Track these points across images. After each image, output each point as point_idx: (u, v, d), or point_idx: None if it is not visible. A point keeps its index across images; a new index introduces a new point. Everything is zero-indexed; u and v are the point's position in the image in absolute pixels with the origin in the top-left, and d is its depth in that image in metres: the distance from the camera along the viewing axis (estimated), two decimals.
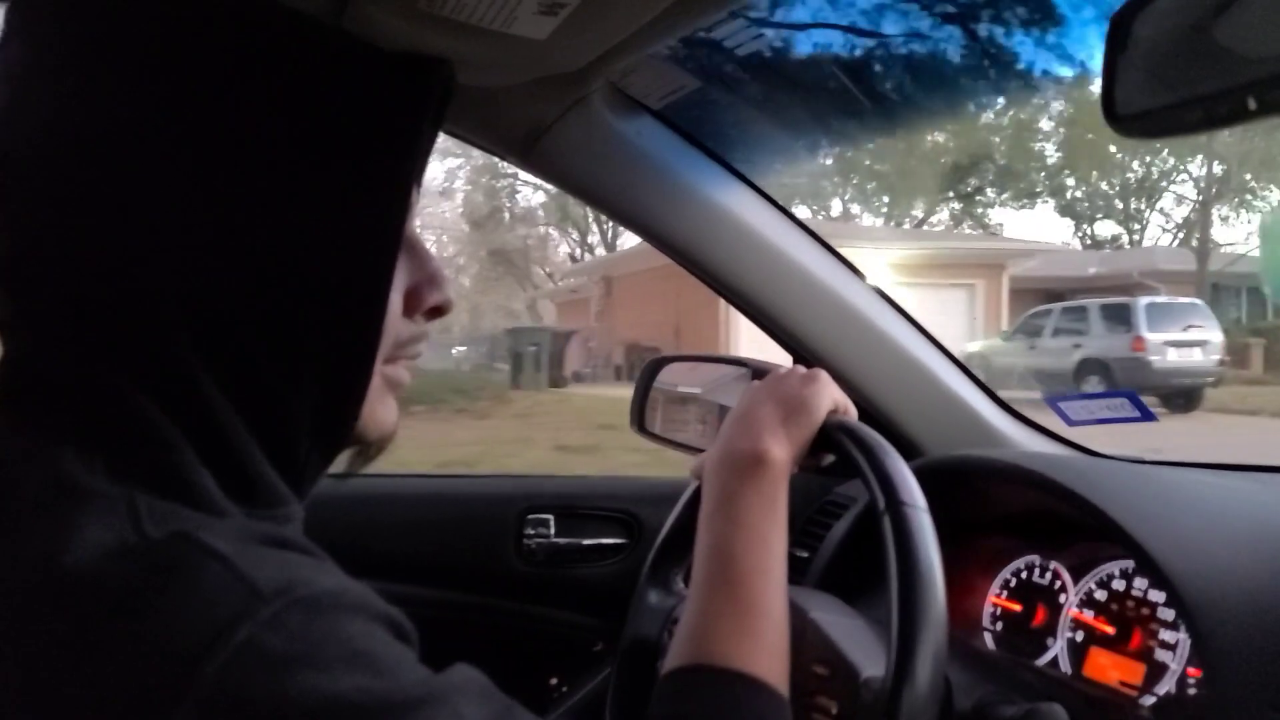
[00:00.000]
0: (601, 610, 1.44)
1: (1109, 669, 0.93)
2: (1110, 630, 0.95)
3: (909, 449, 1.27)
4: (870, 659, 0.77)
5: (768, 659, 0.67)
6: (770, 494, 0.75)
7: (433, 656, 0.50)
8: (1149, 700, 0.87)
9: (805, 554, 1.23)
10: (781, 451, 0.77)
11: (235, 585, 0.45)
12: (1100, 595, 0.97)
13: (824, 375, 0.84)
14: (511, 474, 1.99)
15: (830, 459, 0.81)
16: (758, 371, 1.46)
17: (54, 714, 0.43)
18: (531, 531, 1.44)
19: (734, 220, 1.18)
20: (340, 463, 0.63)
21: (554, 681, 1.43)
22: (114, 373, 0.51)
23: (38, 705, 0.43)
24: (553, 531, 1.44)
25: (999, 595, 1.08)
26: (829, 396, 0.82)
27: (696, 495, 0.98)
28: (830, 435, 0.80)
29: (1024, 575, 1.06)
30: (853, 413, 0.84)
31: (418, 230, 0.63)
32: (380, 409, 0.62)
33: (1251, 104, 0.55)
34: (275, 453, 0.56)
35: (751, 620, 0.69)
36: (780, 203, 1.21)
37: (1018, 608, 1.05)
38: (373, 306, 0.56)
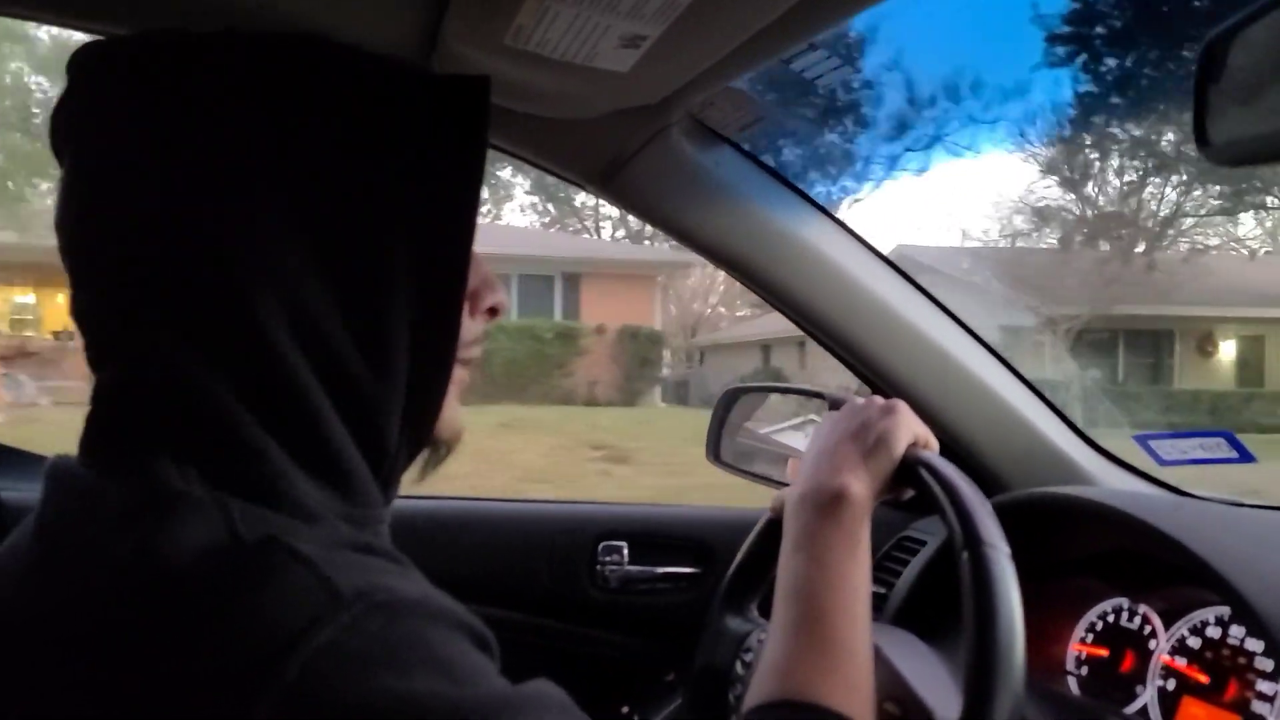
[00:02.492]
0: (673, 639, 1.43)
1: None
2: (1204, 679, 0.91)
3: (990, 484, 1.24)
4: (944, 701, 0.75)
5: (852, 697, 0.66)
6: (851, 531, 0.74)
7: (505, 679, 0.50)
8: None
9: (882, 590, 1.21)
10: (862, 488, 0.76)
11: (318, 589, 0.46)
12: (1193, 642, 0.93)
13: (903, 407, 0.82)
14: (587, 501, 1.99)
15: (910, 493, 0.80)
16: (834, 402, 1.44)
17: (133, 713, 0.44)
18: (606, 558, 1.44)
19: (812, 250, 1.18)
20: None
21: (625, 710, 1.43)
22: (213, 383, 0.53)
23: (119, 701, 0.45)
24: (626, 559, 1.44)
25: (1084, 639, 1.04)
26: (909, 429, 0.80)
27: (772, 524, 0.97)
28: (910, 469, 0.78)
29: (1110, 619, 1.02)
30: (934, 445, 0.83)
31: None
32: (452, 412, 0.64)
33: None
34: (367, 453, 0.58)
35: (835, 658, 0.68)
36: (857, 232, 1.21)
37: (1104, 653, 1.01)
38: (453, 309, 0.59)
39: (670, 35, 0.79)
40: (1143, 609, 1.00)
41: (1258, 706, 0.85)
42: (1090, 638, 1.03)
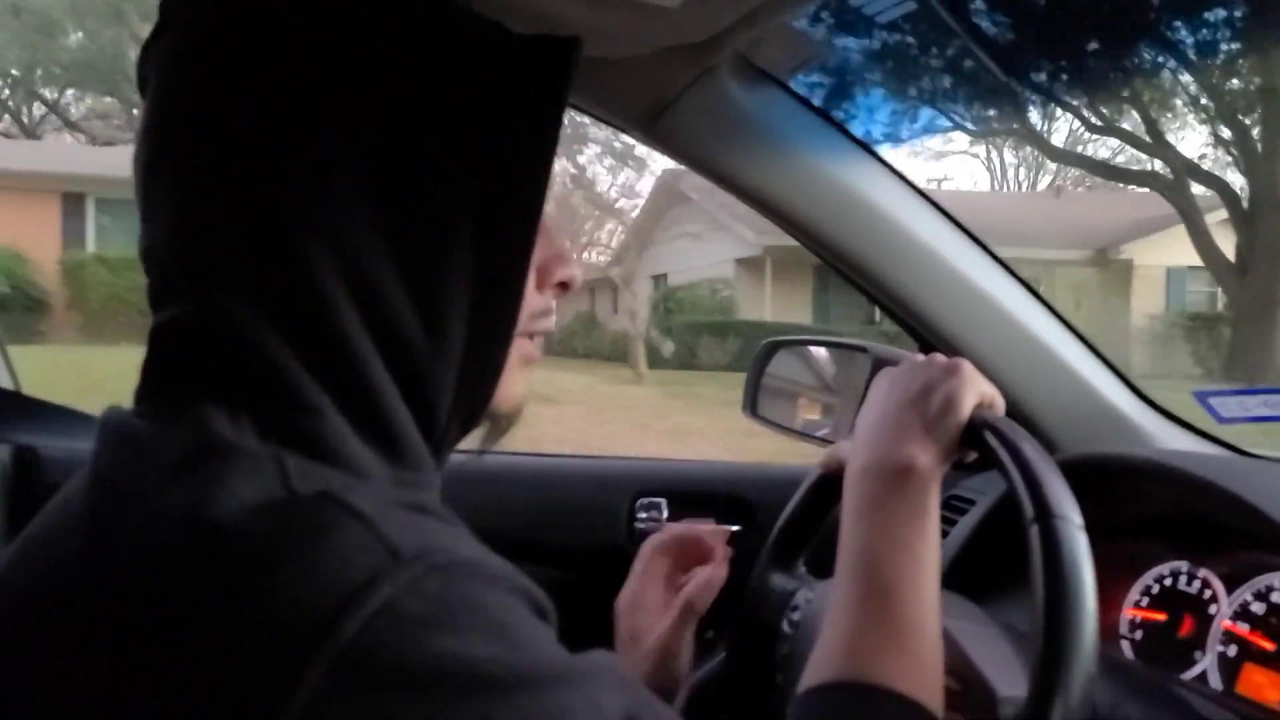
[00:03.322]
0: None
1: (1266, 688, 0.86)
2: (1269, 646, 0.87)
3: (1044, 444, 1.20)
4: (1007, 678, 0.72)
5: (921, 677, 0.64)
6: (919, 504, 0.71)
7: (562, 646, 0.49)
8: None
9: None
10: (928, 459, 0.72)
11: (376, 546, 0.45)
12: (1258, 607, 0.90)
13: (968, 366, 0.77)
14: (624, 456, 1.98)
15: (973, 456, 0.76)
16: (880, 358, 1.41)
17: (185, 668, 0.43)
18: (644, 515, 1.43)
19: (863, 199, 1.13)
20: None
21: None
22: (268, 334, 0.52)
23: (169, 655, 0.44)
24: (665, 515, 1.42)
25: (1139, 603, 1.01)
26: (975, 389, 0.76)
27: (822, 480, 0.95)
28: (976, 433, 0.74)
29: (1168, 582, 0.99)
30: (1000, 406, 0.78)
31: (549, 210, 0.63)
32: (512, 382, 0.62)
33: None
34: (419, 418, 0.56)
35: (903, 637, 0.65)
36: (911, 180, 1.16)
37: (1161, 617, 0.98)
38: (515, 279, 0.57)
39: None
40: (1203, 572, 0.96)
41: None
42: (1146, 601, 1.00)
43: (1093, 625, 0.62)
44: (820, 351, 1.61)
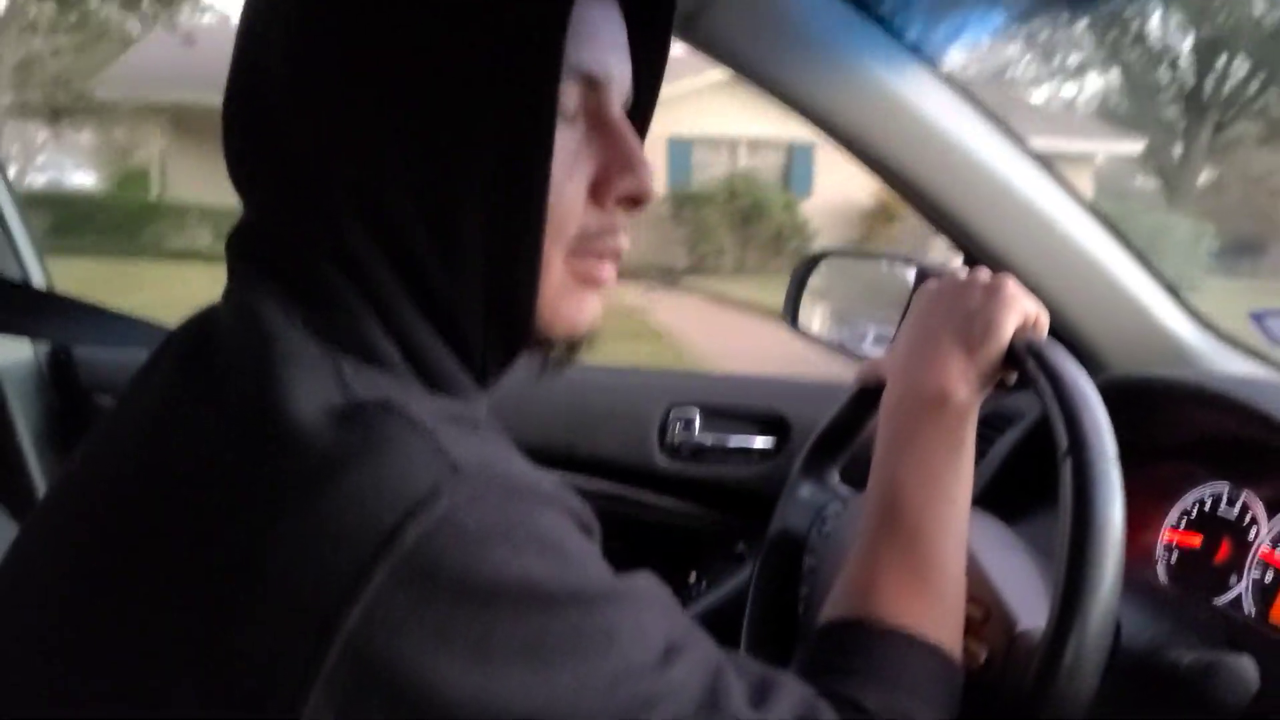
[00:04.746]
0: (745, 510, 1.42)
1: None
2: None
3: (1091, 363, 1.18)
4: (1029, 607, 0.71)
5: (941, 621, 0.63)
6: (955, 436, 0.69)
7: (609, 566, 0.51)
8: None
9: None
10: (967, 388, 0.70)
11: (437, 458, 0.46)
12: None
13: (1010, 285, 0.75)
14: (658, 368, 1.98)
15: (1015, 377, 0.74)
16: (924, 270, 1.37)
17: (251, 561, 0.44)
18: (678, 426, 1.42)
19: (907, 103, 1.09)
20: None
21: (693, 577, 1.43)
22: (308, 245, 0.54)
23: (234, 551, 0.45)
24: (698, 428, 1.42)
25: (1177, 525, 0.99)
26: (1018, 310, 0.73)
27: (862, 394, 0.93)
28: (1016, 356, 0.71)
29: (1208, 506, 0.97)
30: (1044, 325, 0.76)
31: (620, 111, 0.59)
32: (567, 305, 0.59)
33: None
34: (453, 343, 0.56)
35: (925, 577, 0.64)
36: (962, 84, 1.11)
37: (1197, 541, 0.96)
38: (529, 186, 0.53)
39: None
40: (1244, 496, 0.94)
41: None
42: (1184, 524, 0.98)
43: (1116, 566, 0.61)
44: (865, 262, 1.58)
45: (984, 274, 0.77)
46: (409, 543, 0.43)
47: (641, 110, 0.64)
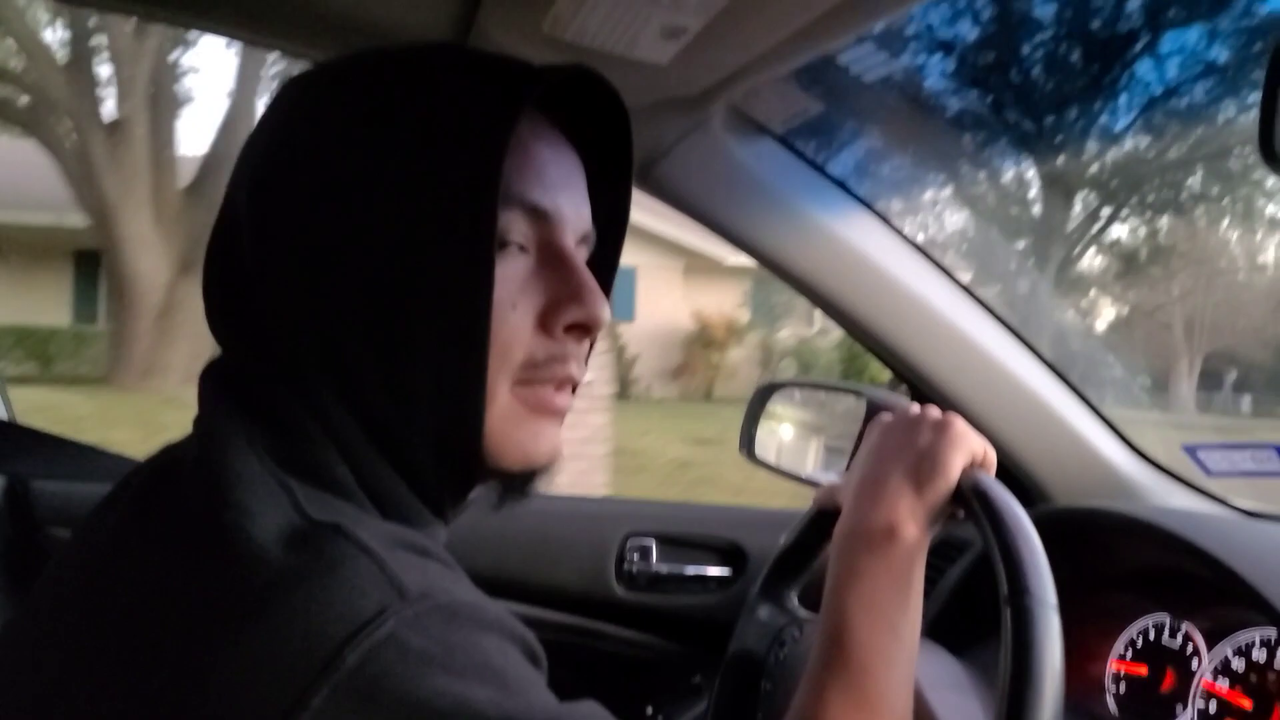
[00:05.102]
0: (702, 641, 1.42)
1: None
2: (1247, 704, 0.88)
3: (1035, 494, 1.21)
4: None
5: None
6: (904, 574, 0.70)
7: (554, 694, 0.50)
8: None
9: None
10: (915, 526, 0.71)
11: (384, 581, 0.47)
12: (1238, 664, 0.90)
13: (959, 424, 0.76)
14: (615, 497, 1.98)
15: (961, 514, 0.76)
16: (874, 402, 1.42)
17: (198, 677, 0.45)
18: (633, 556, 1.43)
19: (854, 248, 1.15)
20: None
21: (649, 711, 1.41)
22: (270, 381, 0.56)
23: (177, 670, 0.46)
24: (655, 557, 1.43)
25: (1123, 655, 1.01)
26: (965, 449, 0.74)
27: (819, 516, 0.94)
28: (963, 496, 0.73)
29: (1151, 636, 1.00)
30: (991, 461, 0.77)
31: (571, 244, 0.61)
32: (518, 434, 0.59)
33: None
34: (406, 472, 0.57)
35: (871, 713, 0.66)
36: (903, 230, 1.18)
37: (1143, 671, 0.98)
38: (473, 318, 0.54)
39: (712, 27, 0.76)
40: (1185, 627, 0.97)
41: None
42: (1130, 654, 1.01)
43: (1056, 706, 0.62)
44: (817, 393, 1.62)
45: (933, 411, 0.79)
46: (352, 663, 0.43)
47: (607, 251, 0.68)
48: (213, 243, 0.60)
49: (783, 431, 1.61)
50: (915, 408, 0.80)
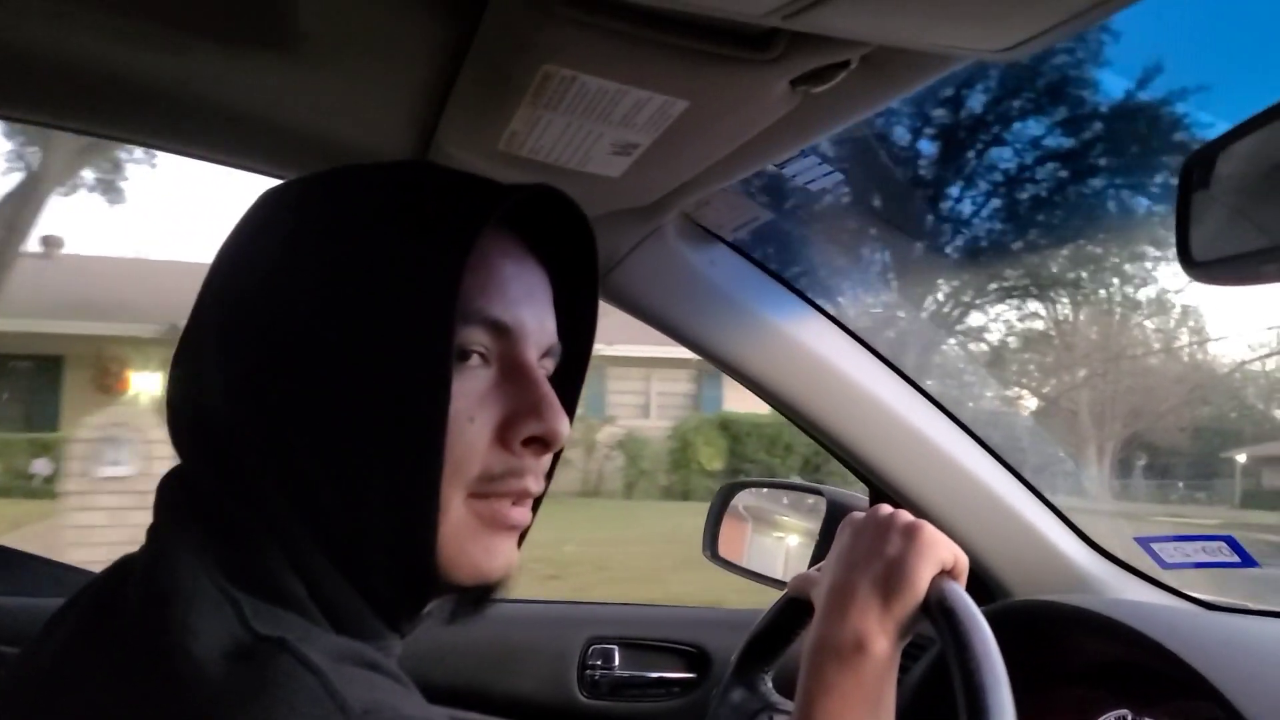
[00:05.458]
0: None
1: None
2: None
3: (995, 590, 1.22)
4: None
5: None
6: (874, 689, 0.70)
7: None
8: None
9: None
10: (884, 639, 0.71)
11: (326, 700, 0.46)
12: None
13: (927, 531, 0.75)
14: (575, 600, 1.96)
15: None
16: (834, 502, 1.43)
17: None
18: (595, 662, 1.41)
19: (809, 351, 1.17)
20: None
21: None
22: (225, 493, 0.56)
23: None
24: (617, 663, 1.41)
25: None
26: (934, 558, 0.73)
27: (791, 602, 0.93)
28: (930, 612, 0.72)
29: None
30: (962, 567, 0.76)
31: (532, 358, 0.61)
32: (472, 548, 0.59)
33: None
34: (360, 585, 0.56)
35: None
36: (856, 332, 1.21)
37: None
38: (428, 431, 0.54)
39: (662, 143, 0.80)
40: None
41: None
42: None
43: None
44: (777, 494, 1.63)
45: (903, 516, 0.77)
46: None
47: (575, 363, 0.69)
48: (178, 352, 0.61)
49: (745, 531, 1.61)
50: (885, 510, 0.79)
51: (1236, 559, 1.19)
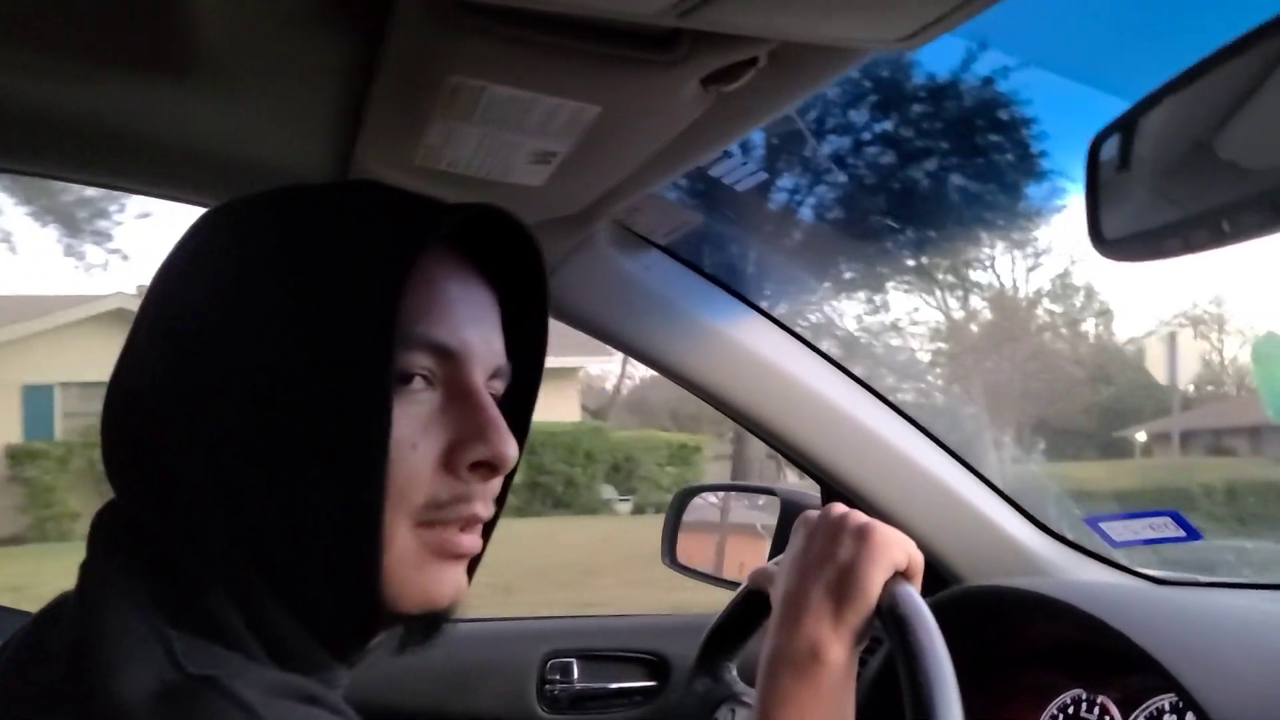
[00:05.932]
0: None
1: None
2: None
3: (945, 577, 1.23)
4: None
5: None
6: (831, 698, 0.69)
7: None
8: None
9: None
10: (840, 648, 0.69)
11: None
12: None
13: (879, 533, 0.73)
14: (532, 616, 1.95)
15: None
16: (788, 501, 1.43)
17: None
18: (556, 676, 1.40)
19: (748, 350, 1.17)
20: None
21: None
22: (161, 524, 0.54)
23: None
24: (576, 676, 1.40)
25: None
26: (887, 562, 0.71)
27: (749, 595, 0.92)
28: (881, 617, 0.70)
29: (1071, 711, 1.00)
30: (917, 565, 0.75)
31: (479, 381, 0.60)
32: (419, 576, 0.57)
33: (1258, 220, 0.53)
34: (304, 616, 0.54)
35: None
36: (793, 329, 1.21)
37: None
38: (368, 458, 0.53)
39: (581, 150, 0.79)
40: (1100, 699, 0.98)
41: None
42: None
43: None
44: (732, 496, 1.63)
45: (856, 517, 0.75)
46: None
47: (526, 383, 0.67)
48: (114, 380, 0.59)
49: (702, 535, 1.61)
50: (836, 510, 0.77)
51: (1182, 533, 1.21)
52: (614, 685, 1.41)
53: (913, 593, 0.71)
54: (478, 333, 0.60)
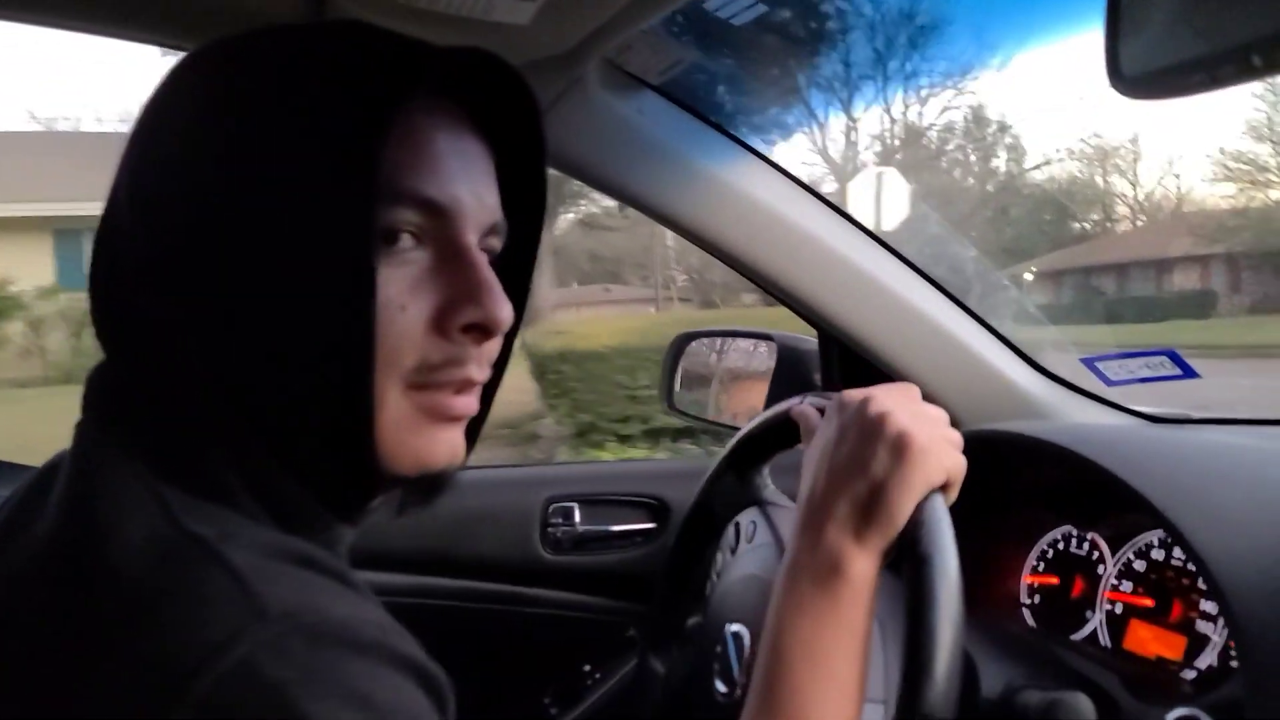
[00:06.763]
0: (632, 596, 1.43)
1: (1149, 642, 0.90)
2: (1149, 602, 0.91)
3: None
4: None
5: None
6: (848, 614, 0.66)
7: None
8: (1190, 674, 0.84)
9: None
10: (864, 563, 0.67)
11: (240, 601, 0.44)
12: (1139, 566, 0.94)
13: (917, 447, 0.68)
14: (533, 463, 1.99)
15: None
16: (785, 346, 1.43)
17: (53, 700, 0.44)
18: (558, 520, 1.43)
19: (745, 193, 1.15)
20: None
21: (587, 668, 1.43)
22: (155, 384, 0.54)
23: (41, 687, 0.45)
24: (578, 520, 1.43)
25: (1036, 569, 1.04)
26: (922, 482, 0.67)
27: (787, 420, 0.89)
28: (903, 548, 0.67)
29: (1060, 547, 1.03)
30: (957, 475, 0.70)
31: (471, 241, 0.57)
32: (415, 440, 0.56)
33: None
34: (300, 475, 0.54)
35: None
36: (790, 171, 1.18)
37: (1055, 581, 1.02)
38: (354, 320, 0.51)
39: None
40: (1090, 536, 1.00)
41: (1201, 626, 0.86)
42: (1042, 566, 1.04)
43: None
44: (729, 340, 1.63)
45: (894, 423, 0.69)
46: (202, 691, 0.41)
47: (524, 240, 0.65)
48: (98, 241, 0.57)
49: (700, 379, 1.62)
50: (875, 408, 0.71)
51: (1179, 372, 1.21)
52: (615, 528, 1.45)
53: (941, 527, 0.67)
54: (469, 187, 0.57)
